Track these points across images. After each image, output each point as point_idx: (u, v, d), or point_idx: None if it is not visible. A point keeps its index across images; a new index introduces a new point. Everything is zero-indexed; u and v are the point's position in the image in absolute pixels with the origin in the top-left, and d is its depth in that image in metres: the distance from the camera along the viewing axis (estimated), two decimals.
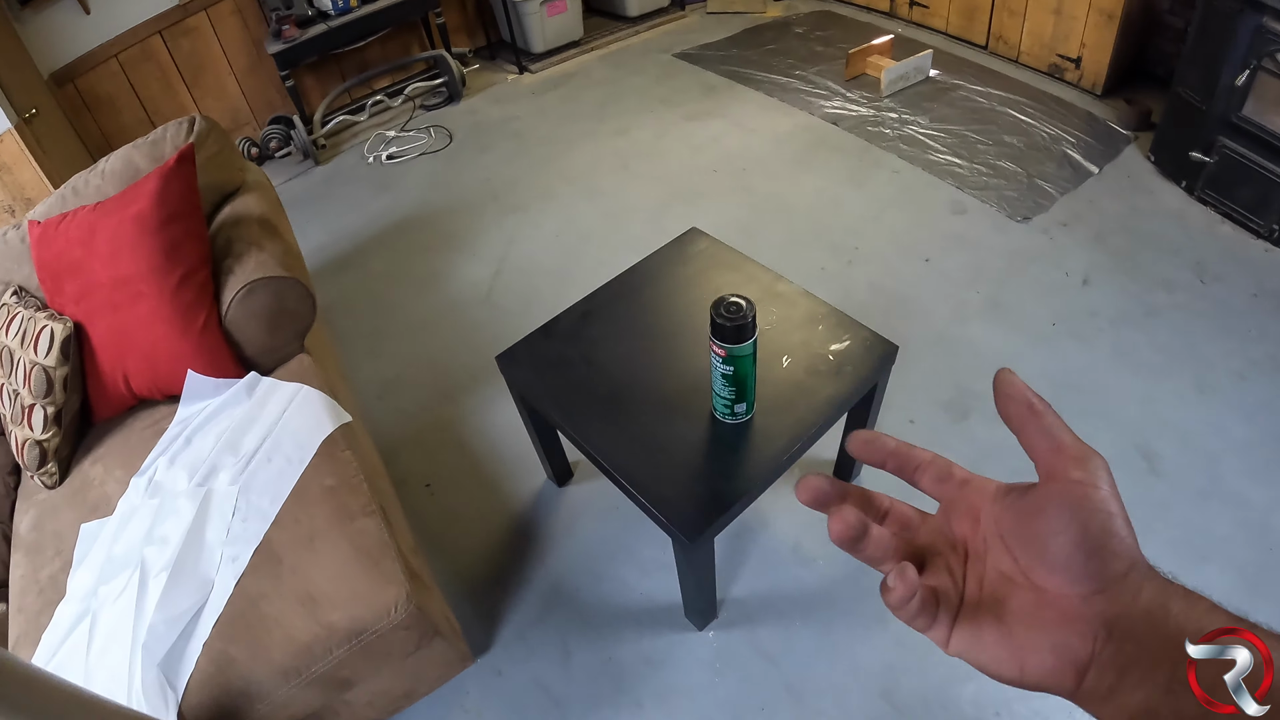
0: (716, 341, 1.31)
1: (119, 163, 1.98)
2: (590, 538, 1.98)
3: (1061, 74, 3.56)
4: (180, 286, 1.73)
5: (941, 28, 4.08)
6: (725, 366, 1.35)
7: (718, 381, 1.40)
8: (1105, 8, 3.21)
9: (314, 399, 1.72)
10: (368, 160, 3.80)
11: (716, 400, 1.45)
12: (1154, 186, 2.90)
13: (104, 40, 3.56)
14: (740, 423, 1.47)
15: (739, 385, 1.39)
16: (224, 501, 1.56)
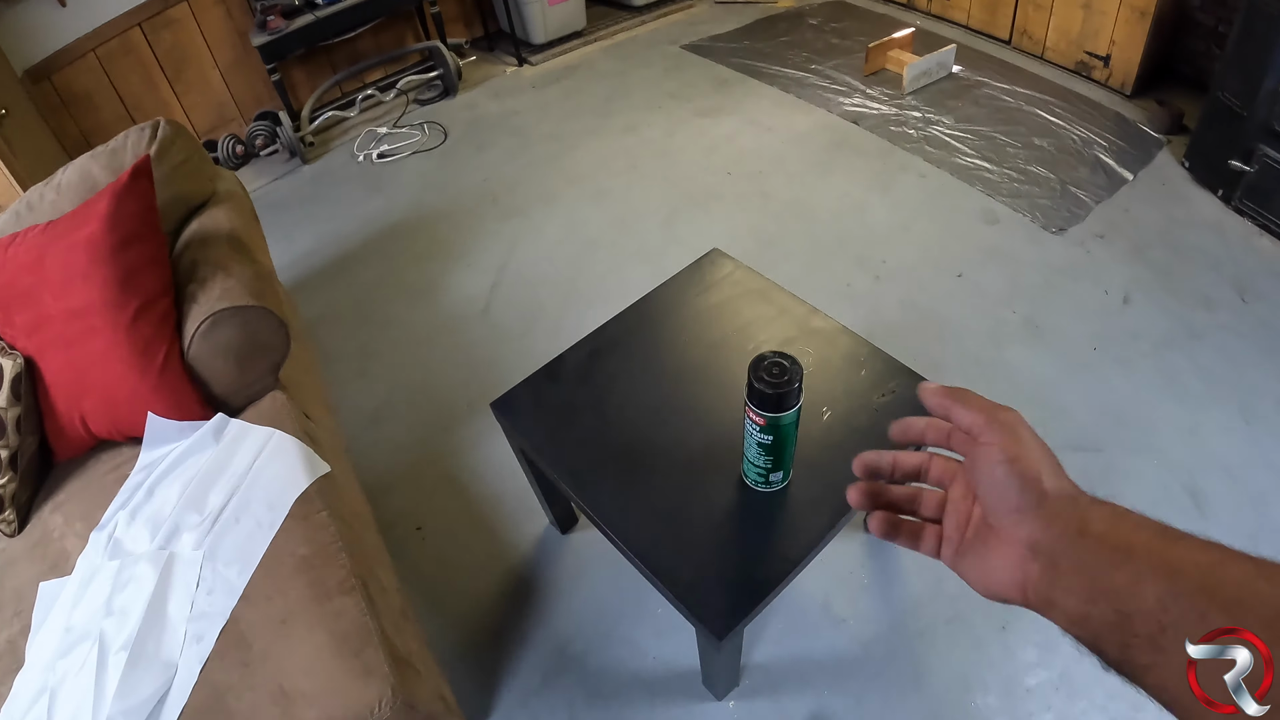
0: (755, 408, 1.12)
1: (75, 175, 1.79)
2: (598, 592, 1.80)
3: (1089, 72, 3.38)
4: (137, 320, 1.53)
5: (962, 21, 3.90)
6: (764, 435, 1.17)
7: (752, 449, 1.21)
8: (1138, 4, 3.04)
9: (288, 447, 1.53)
10: (358, 159, 3.59)
11: (749, 467, 1.26)
12: (1189, 195, 2.73)
13: (81, 34, 3.38)
14: (775, 491, 1.28)
15: (777, 454, 1.21)
16: (188, 569, 1.38)
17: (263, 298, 1.62)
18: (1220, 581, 0.35)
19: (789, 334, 1.54)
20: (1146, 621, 0.36)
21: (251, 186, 3.52)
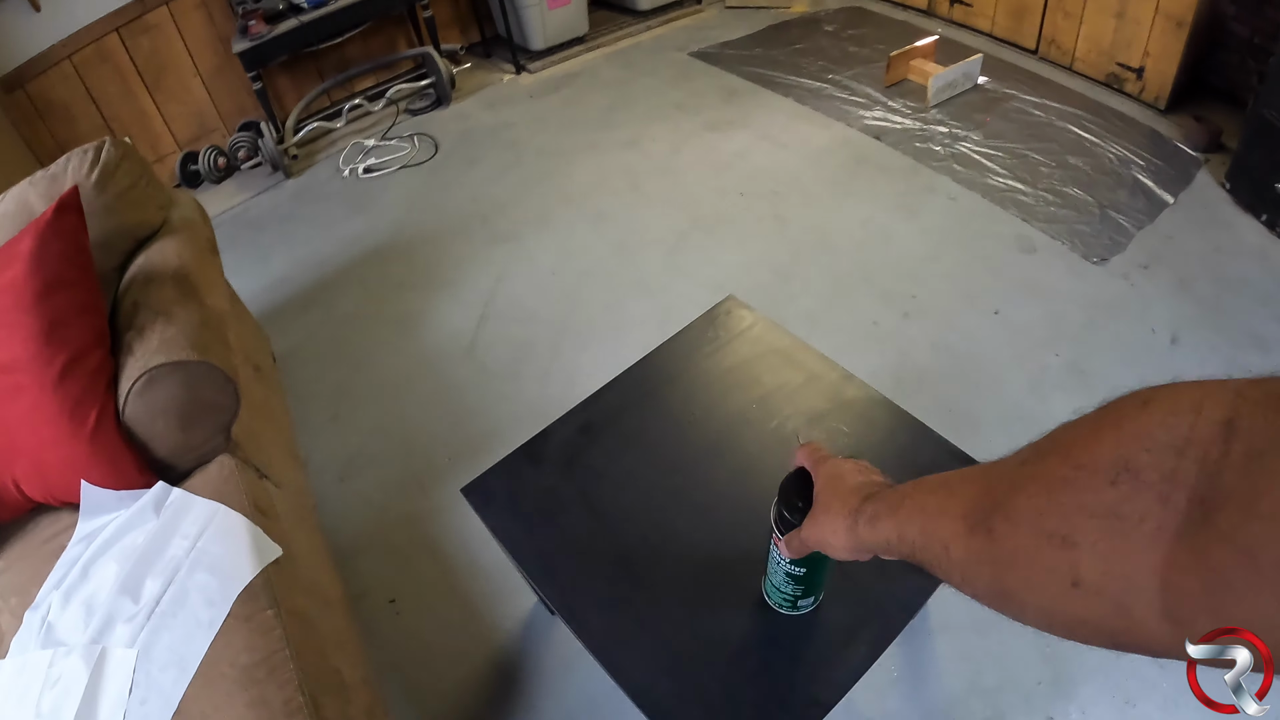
0: (783, 536, 0.91)
1: (13, 204, 1.62)
2: (590, 684, 1.58)
3: (1121, 85, 3.19)
4: (64, 376, 1.33)
5: (986, 29, 3.70)
6: (795, 568, 0.97)
7: (779, 576, 1.01)
8: (1175, 14, 2.85)
9: (234, 527, 1.33)
10: (343, 173, 3.38)
11: (773, 591, 1.06)
12: (1232, 219, 2.55)
13: (56, 40, 3.21)
14: (802, 614, 1.07)
15: (809, 583, 1.01)
16: (120, 670, 1.20)
17: (208, 350, 1.42)
18: (945, 501, 0.51)
19: (820, 406, 1.34)
20: (911, 547, 0.55)
21: (232, 201, 3.33)
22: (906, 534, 0.55)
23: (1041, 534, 0.39)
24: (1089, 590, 0.36)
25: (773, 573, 1.02)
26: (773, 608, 1.08)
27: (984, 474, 0.47)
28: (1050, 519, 0.38)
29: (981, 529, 0.44)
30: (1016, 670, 1.53)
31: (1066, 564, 0.37)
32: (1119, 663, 1.51)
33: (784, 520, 0.87)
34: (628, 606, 1.12)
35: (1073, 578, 0.37)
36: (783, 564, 0.97)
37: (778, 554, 0.96)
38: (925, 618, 1.62)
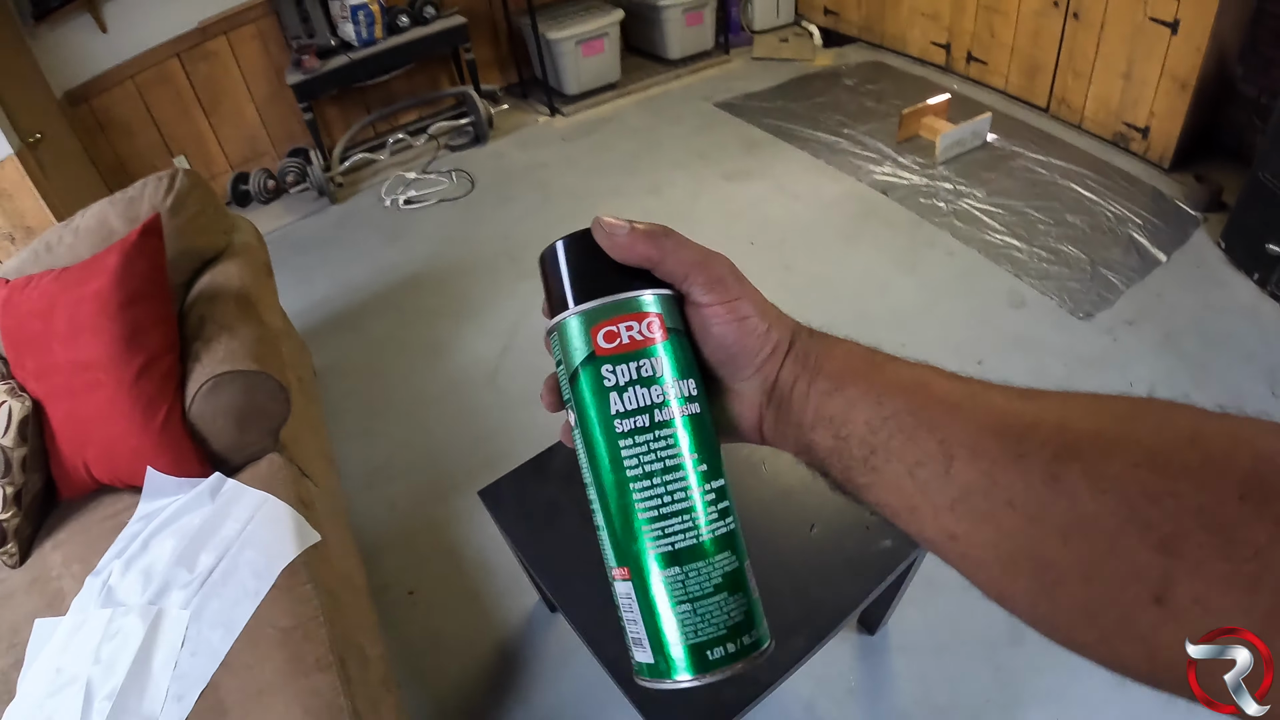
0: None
1: (93, 220, 1.83)
2: (583, 676, 1.75)
3: (1127, 144, 3.32)
4: (140, 377, 1.55)
5: (1000, 86, 3.87)
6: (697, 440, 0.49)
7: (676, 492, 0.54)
8: (1179, 75, 2.98)
9: (280, 514, 1.53)
10: (384, 203, 3.63)
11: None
12: (1225, 278, 2.66)
13: (121, 60, 3.48)
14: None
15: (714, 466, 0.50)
16: (174, 627, 1.40)
17: (266, 362, 1.63)
18: (924, 402, 0.37)
19: None
20: (860, 445, 0.38)
21: (279, 223, 3.57)
22: (855, 426, 0.38)
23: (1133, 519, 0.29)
24: (1172, 610, 0.28)
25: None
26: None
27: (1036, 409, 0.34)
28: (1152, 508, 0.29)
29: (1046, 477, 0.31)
30: (968, 691, 1.66)
31: (1159, 571, 0.28)
32: (1068, 691, 1.63)
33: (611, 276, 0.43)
34: (610, 599, 1.29)
35: (1159, 591, 0.28)
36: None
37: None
38: (885, 636, 1.77)
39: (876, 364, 0.40)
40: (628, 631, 0.42)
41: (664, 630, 0.40)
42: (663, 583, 0.40)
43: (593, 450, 0.41)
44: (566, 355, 0.42)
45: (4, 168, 2.69)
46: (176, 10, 3.49)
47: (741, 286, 0.42)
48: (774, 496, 1.40)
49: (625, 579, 0.41)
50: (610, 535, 0.42)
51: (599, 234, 0.41)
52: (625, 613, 0.42)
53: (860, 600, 1.25)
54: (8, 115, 2.70)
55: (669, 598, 0.40)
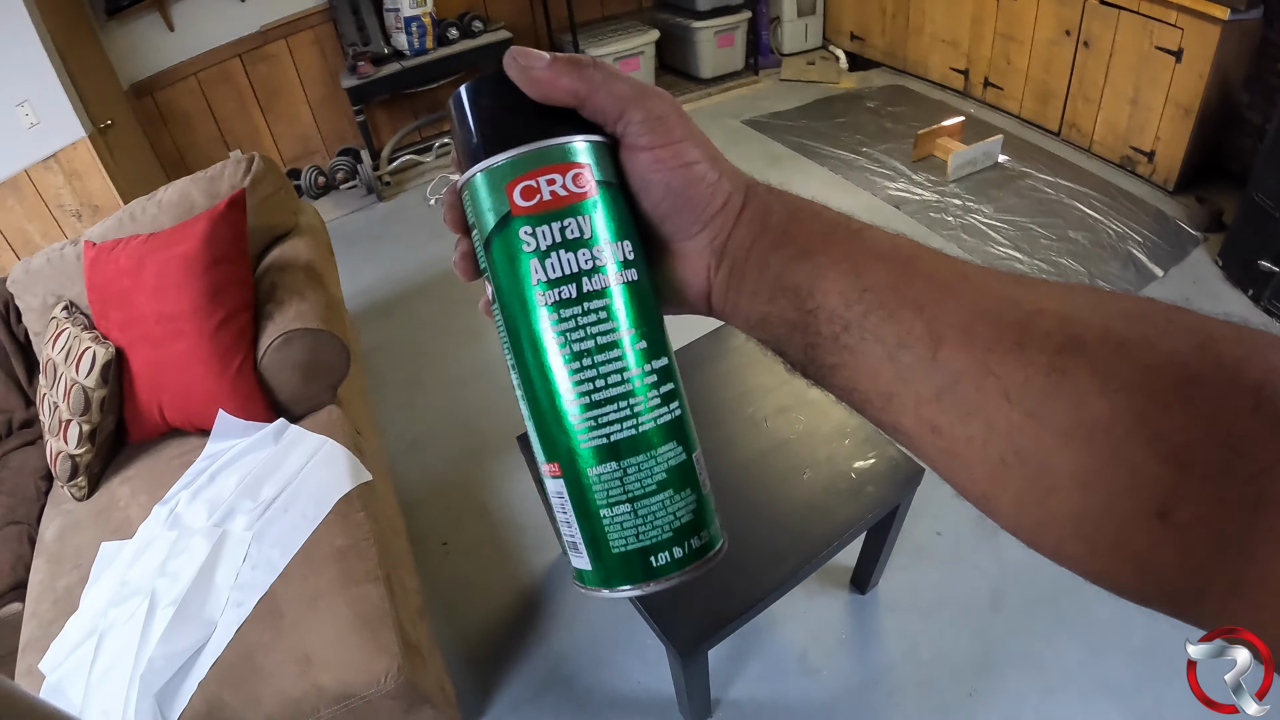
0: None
1: (176, 194, 2.04)
2: (596, 621, 1.94)
3: (1133, 167, 3.47)
4: (219, 329, 1.76)
5: (1015, 110, 4.02)
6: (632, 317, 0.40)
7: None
8: (1182, 101, 3.12)
9: (337, 455, 1.73)
10: (429, 202, 3.87)
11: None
12: (1219, 293, 2.80)
13: (185, 58, 3.74)
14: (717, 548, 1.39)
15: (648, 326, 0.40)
16: (237, 546, 1.58)
17: (331, 324, 1.84)
18: (909, 277, 0.33)
19: (786, 402, 1.69)
20: (830, 320, 0.34)
21: (328, 217, 3.80)
22: (826, 297, 0.34)
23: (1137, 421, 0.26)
24: (1172, 527, 0.26)
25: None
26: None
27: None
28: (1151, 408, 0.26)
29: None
30: (950, 649, 1.81)
31: (1166, 484, 0.26)
32: (1044, 656, 1.77)
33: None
34: None
35: (1162, 506, 0.26)
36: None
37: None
38: (875, 597, 1.93)
39: (853, 230, 0.35)
40: (563, 534, 0.38)
41: (602, 534, 0.36)
42: (598, 480, 0.35)
43: (513, 328, 0.36)
44: (479, 217, 0.36)
45: (77, 149, 2.94)
46: (240, 14, 3.75)
47: (687, 127, 0.36)
48: (772, 447, 1.58)
49: (556, 475, 0.36)
50: (536, 426, 0.37)
51: (512, 68, 0.35)
52: (559, 514, 0.37)
53: (844, 531, 1.43)
54: (82, 102, 2.95)
55: (606, 497, 0.35)
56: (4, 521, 1.87)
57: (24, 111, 2.84)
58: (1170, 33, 3.04)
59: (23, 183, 2.94)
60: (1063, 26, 3.51)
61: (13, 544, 1.82)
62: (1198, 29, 2.93)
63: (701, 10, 4.45)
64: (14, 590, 1.75)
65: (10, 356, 2.15)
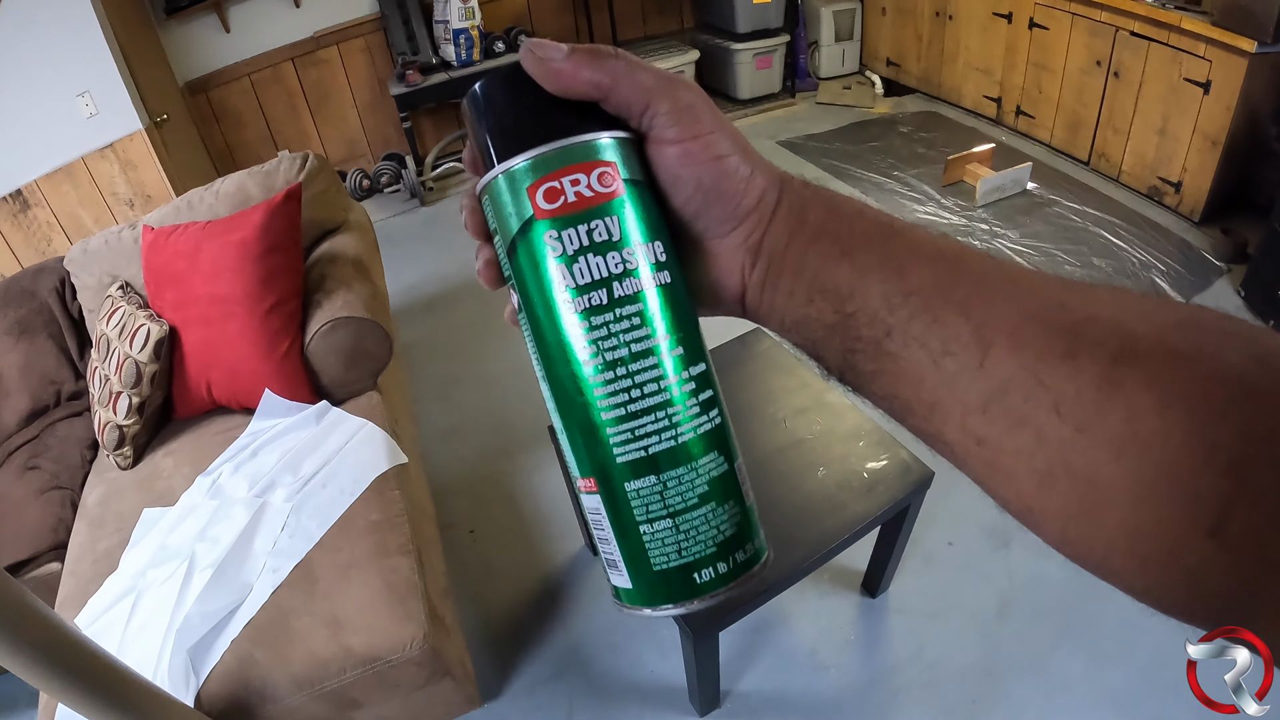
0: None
1: (233, 186, 2.14)
2: (615, 610, 2.00)
3: (1160, 197, 3.49)
4: (270, 313, 1.86)
5: (1045, 139, 4.07)
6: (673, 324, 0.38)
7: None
8: (1210, 133, 3.14)
9: (376, 437, 1.82)
10: None
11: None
12: None
13: (239, 59, 3.89)
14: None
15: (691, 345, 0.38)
16: (276, 516, 1.67)
17: (376, 314, 1.94)
18: (956, 279, 0.32)
19: (805, 404, 1.76)
20: (871, 324, 0.33)
21: (373, 218, 3.93)
22: (867, 300, 0.33)
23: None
24: (1225, 542, 0.25)
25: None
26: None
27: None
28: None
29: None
30: (955, 654, 1.85)
31: (1220, 498, 0.25)
32: (1048, 665, 1.80)
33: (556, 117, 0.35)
34: None
35: (1215, 521, 0.25)
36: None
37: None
38: (885, 600, 1.98)
39: (895, 229, 0.34)
40: (601, 552, 0.37)
41: (641, 551, 0.34)
42: (636, 495, 0.34)
43: (541, 337, 0.35)
44: (501, 222, 0.35)
45: (133, 140, 3.09)
46: (295, 19, 3.90)
47: (716, 118, 0.35)
48: (789, 444, 1.66)
49: (592, 491, 0.35)
50: (570, 441, 0.36)
51: (529, 61, 0.34)
52: (596, 530, 0.36)
53: (855, 526, 1.50)
54: (140, 96, 3.09)
55: (645, 513, 0.34)
56: (48, 486, 1.97)
57: (84, 102, 2.99)
58: (1199, 64, 3.08)
59: (78, 170, 3.09)
60: (1094, 57, 3.56)
61: (55, 507, 1.92)
62: (1225, 61, 2.97)
63: (741, 33, 4.55)
64: (53, 551, 1.84)
65: (64, 331, 2.27)
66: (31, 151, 3.00)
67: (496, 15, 4.21)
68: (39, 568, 1.81)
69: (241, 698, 1.39)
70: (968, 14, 4.23)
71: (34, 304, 2.25)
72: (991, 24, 4.08)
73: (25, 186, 3.04)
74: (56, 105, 2.96)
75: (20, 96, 2.88)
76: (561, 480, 2.10)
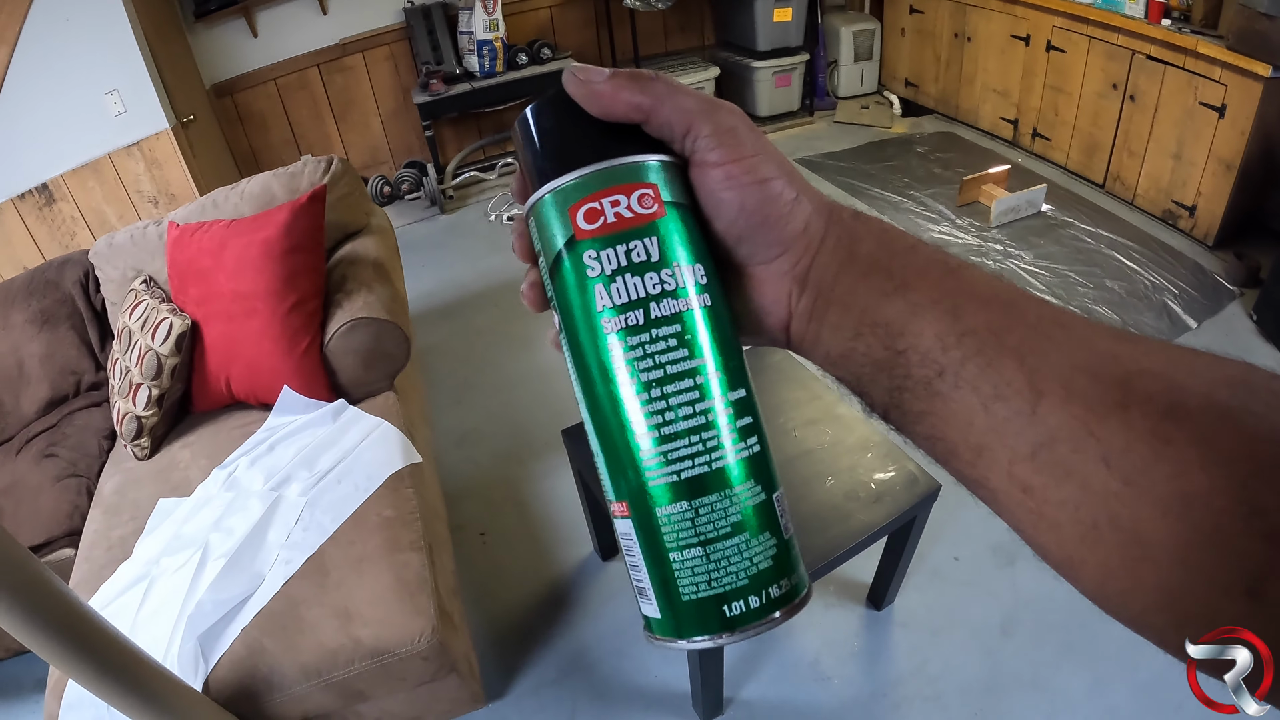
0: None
1: (258, 187, 2.18)
2: (621, 615, 2.03)
3: (1175, 221, 3.49)
4: (291, 311, 1.90)
5: (1061, 161, 4.07)
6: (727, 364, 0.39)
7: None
8: (1224, 157, 3.14)
9: (391, 435, 1.85)
10: (489, 218, 4.04)
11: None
12: (1252, 346, 2.80)
13: (266, 64, 3.94)
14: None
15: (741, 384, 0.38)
16: (290, 509, 1.69)
17: (395, 316, 1.98)
18: (1012, 322, 0.31)
19: (815, 416, 1.78)
20: (923, 363, 0.32)
21: (393, 224, 3.98)
22: (919, 338, 0.32)
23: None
24: (1263, 604, 0.25)
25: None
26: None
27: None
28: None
29: None
30: (958, 669, 1.86)
31: (1260, 560, 0.25)
32: (1050, 683, 1.81)
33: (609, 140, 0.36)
34: None
35: (1254, 582, 0.25)
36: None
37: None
38: (890, 613, 1.99)
39: (950, 267, 0.34)
40: (631, 578, 0.36)
41: (672, 579, 0.34)
42: (669, 521, 0.33)
43: (580, 357, 0.35)
44: (545, 243, 0.36)
45: (159, 140, 3.15)
46: (322, 26, 3.96)
47: (758, 141, 0.35)
48: (799, 454, 1.68)
49: (624, 516, 0.35)
50: (605, 462, 0.35)
51: (571, 85, 0.35)
52: (627, 556, 0.36)
53: (862, 534, 1.51)
54: (168, 96, 3.16)
55: (677, 540, 0.33)
56: (65, 473, 2.01)
57: (113, 100, 3.05)
58: (1214, 89, 3.09)
59: (104, 166, 3.14)
60: (1110, 80, 3.58)
61: (71, 494, 1.96)
62: (1241, 85, 2.98)
63: (761, 51, 4.58)
64: (67, 537, 1.88)
65: (86, 323, 2.31)
66: (59, 146, 3.05)
67: (520, 28, 4.25)
68: (52, 553, 1.85)
69: (249, 685, 1.41)
70: (986, 36, 4.25)
71: (58, 295, 2.29)
72: (1009, 46, 4.10)
73: (52, 180, 3.09)
74: (85, 102, 3.01)
75: (51, 92, 2.94)
76: (573, 486, 2.11)
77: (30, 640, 0.97)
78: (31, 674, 1.99)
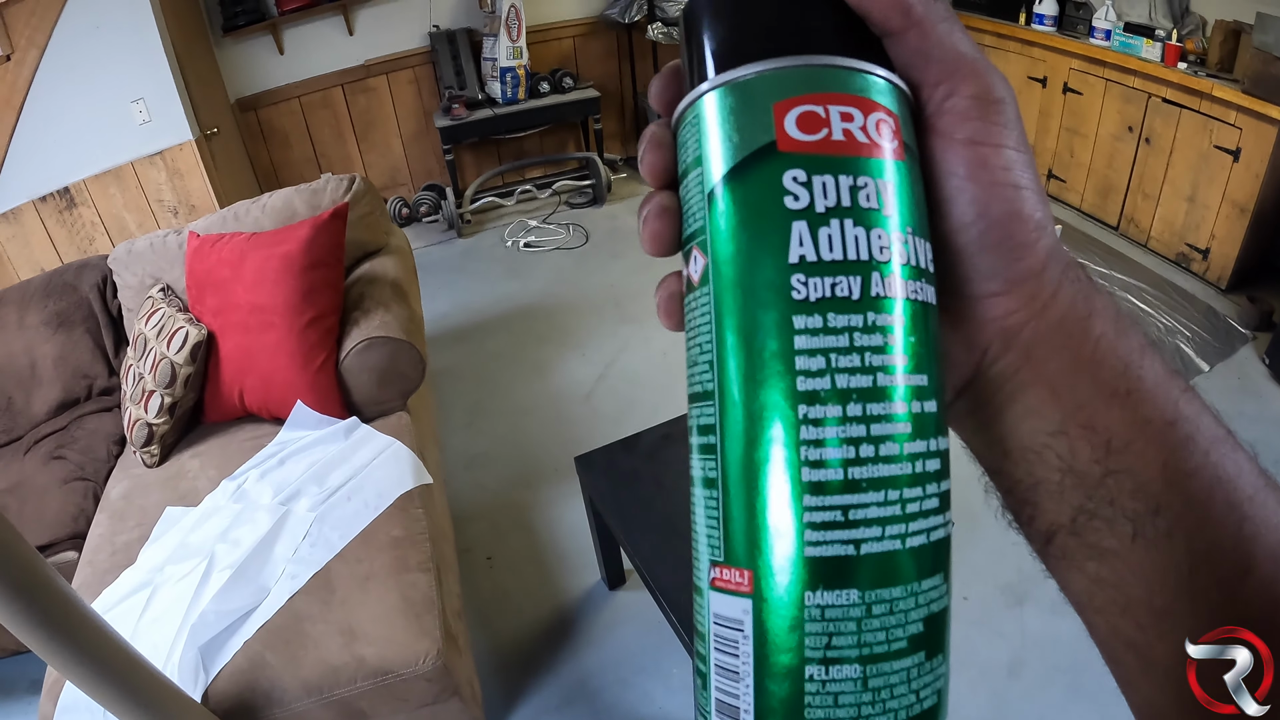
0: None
1: (280, 201, 2.20)
2: (627, 645, 2.02)
3: (1188, 264, 3.46)
4: (308, 327, 1.91)
5: (1076, 203, 4.06)
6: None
7: None
8: (1239, 200, 3.13)
9: (402, 455, 1.85)
10: (506, 243, 4.07)
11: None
12: (1264, 390, 2.78)
13: (291, 81, 3.98)
14: None
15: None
16: (299, 524, 1.69)
17: (411, 336, 1.99)
18: (1238, 472, 0.25)
19: None
20: (1137, 495, 0.25)
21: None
22: (1142, 463, 0.25)
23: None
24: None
25: None
26: None
27: None
28: None
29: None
30: (964, 707, 1.84)
31: None
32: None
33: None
34: (669, 547, 1.60)
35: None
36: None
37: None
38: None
39: (1182, 389, 0.27)
40: (712, 690, 0.24)
41: (797, 706, 0.22)
42: (819, 614, 0.22)
43: (731, 330, 0.24)
44: (715, 148, 0.24)
45: (183, 150, 3.17)
46: (348, 46, 4.01)
47: (1023, 134, 0.26)
48: None
49: (740, 591, 0.23)
50: (724, 500, 0.24)
51: None
52: (718, 653, 0.24)
53: None
54: (193, 108, 3.19)
55: (823, 646, 0.22)
56: (72, 476, 2.01)
57: (138, 109, 3.09)
58: (1229, 132, 3.09)
59: (126, 174, 3.17)
60: (1126, 123, 3.57)
61: (77, 498, 1.96)
62: (1255, 129, 2.98)
63: None
64: (71, 540, 1.88)
65: (101, 327, 2.33)
66: (83, 152, 3.08)
67: (543, 57, 4.29)
68: (56, 554, 1.84)
69: (249, 698, 1.41)
70: None
71: (74, 298, 2.31)
72: (1026, 88, 4.11)
73: (73, 185, 3.11)
74: (111, 109, 3.05)
75: (77, 97, 2.97)
76: (581, 514, 2.10)
77: (30, 639, 0.97)
78: (26, 675, 1.98)
